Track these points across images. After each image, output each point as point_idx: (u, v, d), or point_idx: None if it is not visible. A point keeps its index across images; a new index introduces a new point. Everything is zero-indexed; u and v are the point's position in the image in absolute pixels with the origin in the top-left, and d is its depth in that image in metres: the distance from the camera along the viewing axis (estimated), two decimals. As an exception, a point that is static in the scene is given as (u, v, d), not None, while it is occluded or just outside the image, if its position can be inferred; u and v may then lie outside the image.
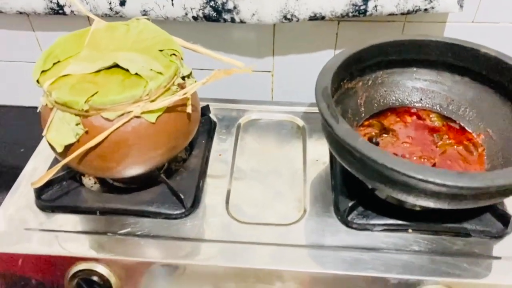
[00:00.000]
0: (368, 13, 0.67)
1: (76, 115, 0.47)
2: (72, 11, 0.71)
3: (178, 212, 0.54)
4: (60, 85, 0.47)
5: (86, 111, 0.47)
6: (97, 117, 0.47)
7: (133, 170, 0.51)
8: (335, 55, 0.58)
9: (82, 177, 0.59)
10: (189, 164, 0.59)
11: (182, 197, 0.53)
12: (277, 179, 0.60)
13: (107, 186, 0.59)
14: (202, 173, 0.59)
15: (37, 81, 0.48)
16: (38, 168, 0.61)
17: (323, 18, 0.68)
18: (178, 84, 0.51)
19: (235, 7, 0.68)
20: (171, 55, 0.52)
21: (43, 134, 0.50)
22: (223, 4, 0.68)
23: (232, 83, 0.75)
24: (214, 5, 0.68)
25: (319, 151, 0.63)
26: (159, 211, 0.54)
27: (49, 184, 0.55)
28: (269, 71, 0.82)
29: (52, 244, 0.51)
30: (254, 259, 0.49)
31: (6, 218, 0.54)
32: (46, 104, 0.50)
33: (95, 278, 0.49)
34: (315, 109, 0.68)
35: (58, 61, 0.50)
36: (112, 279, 0.49)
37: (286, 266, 0.49)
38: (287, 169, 0.61)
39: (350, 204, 0.52)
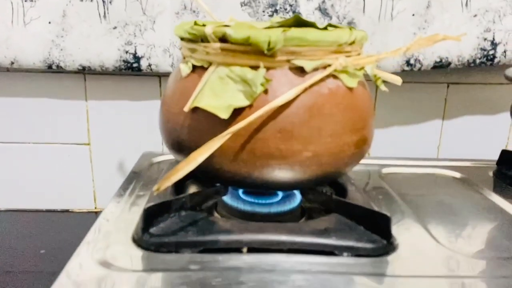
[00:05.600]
0: (496, 60, 0.61)
1: (251, 67, 0.32)
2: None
3: (378, 245, 0.33)
4: (230, 28, 0.33)
5: (272, 55, 0.31)
6: (283, 69, 0.32)
7: (322, 160, 0.33)
8: None
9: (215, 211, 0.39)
10: (352, 196, 0.41)
11: (388, 218, 0.34)
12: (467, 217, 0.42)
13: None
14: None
15: (193, 25, 0.34)
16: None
17: (449, 64, 0.61)
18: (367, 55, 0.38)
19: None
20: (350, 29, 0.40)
21: (185, 108, 0.33)
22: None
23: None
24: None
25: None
26: (346, 245, 0.33)
27: (159, 211, 0.35)
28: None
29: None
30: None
31: (97, 262, 0.31)
32: (193, 67, 0.34)
33: None
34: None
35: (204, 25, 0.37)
36: None
37: None
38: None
39: None
